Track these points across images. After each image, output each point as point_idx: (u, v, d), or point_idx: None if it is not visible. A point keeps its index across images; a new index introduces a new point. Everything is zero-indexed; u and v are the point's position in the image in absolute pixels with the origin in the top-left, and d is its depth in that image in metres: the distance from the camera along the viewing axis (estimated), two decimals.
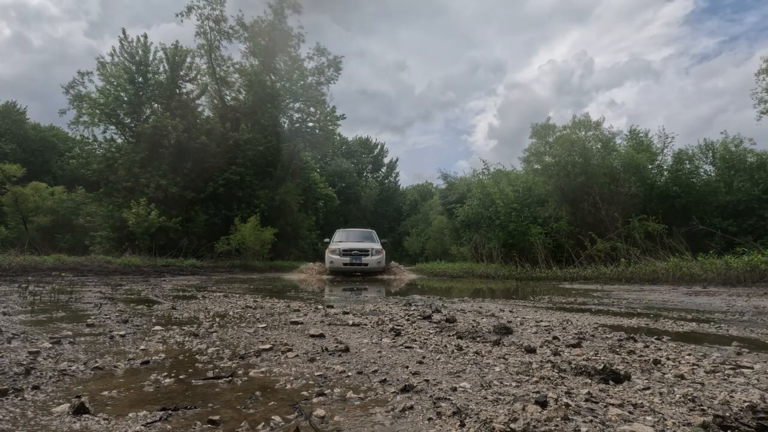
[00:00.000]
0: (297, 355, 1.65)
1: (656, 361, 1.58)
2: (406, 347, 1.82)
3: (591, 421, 0.98)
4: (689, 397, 1.16)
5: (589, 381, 1.33)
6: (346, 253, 11.22)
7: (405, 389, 1.22)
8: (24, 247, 11.04)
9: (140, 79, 18.77)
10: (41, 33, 70.06)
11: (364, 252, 11.34)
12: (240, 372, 1.41)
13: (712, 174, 14.59)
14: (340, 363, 1.54)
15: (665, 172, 14.72)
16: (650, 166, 14.30)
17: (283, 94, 21.46)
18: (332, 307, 3.23)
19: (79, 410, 1.02)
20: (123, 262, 11.52)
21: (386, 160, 42.68)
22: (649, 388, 1.25)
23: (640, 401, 1.13)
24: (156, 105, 19.47)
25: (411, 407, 1.07)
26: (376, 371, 1.43)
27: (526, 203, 13.49)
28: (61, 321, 2.39)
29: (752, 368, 1.48)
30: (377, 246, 11.83)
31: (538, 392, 1.19)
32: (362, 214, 32.38)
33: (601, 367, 1.43)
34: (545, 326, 2.43)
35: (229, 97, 21.96)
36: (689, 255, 8.46)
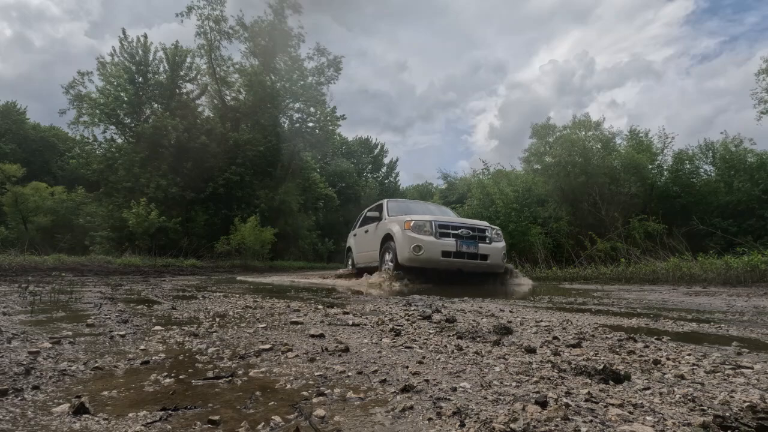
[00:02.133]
0: (297, 355, 1.65)
1: (656, 361, 1.58)
2: (406, 347, 1.82)
3: (591, 421, 0.98)
4: (689, 397, 1.16)
5: (589, 381, 1.33)
6: (445, 231, 6.25)
7: (405, 389, 1.22)
8: (24, 247, 11.04)
9: (140, 79, 18.78)
10: (42, 33, 70.19)
11: (480, 234, 6.47)
12: (240, 372, 1.41)
13: (712, 174, 14.62)
14: (340, 363, 1.54)
15: (665, 172, 14.75)
16: (650, 166, 14.32)
17: (283, 94, 21.48)
18: (332, 307, 3.23)
19: (79, 410, 1.02)
20: (123, 262, 11.52)
21: (386, 160, 42.72)
22: (649, 388, 1.25)
23: (640, 401, 1.13)
24: (156, 105, 19.49)
25: (411, 407, 1.07)
26: (376, 371, 1.42)
27: (526, 203, 13.50)
28: (61, 321, 2.39)
29: (752, 368, 1.48)
30: (495, 227, 6.92)
31: (538, 392, 1.19)
32: None
33: (601, 367, 1.43)
34: (545, 326, 2.43)
35: (229, 97, 21.98)
36: (689, 255, 8.46)
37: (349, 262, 9.50)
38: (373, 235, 7.61)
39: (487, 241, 6.48)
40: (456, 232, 6.32)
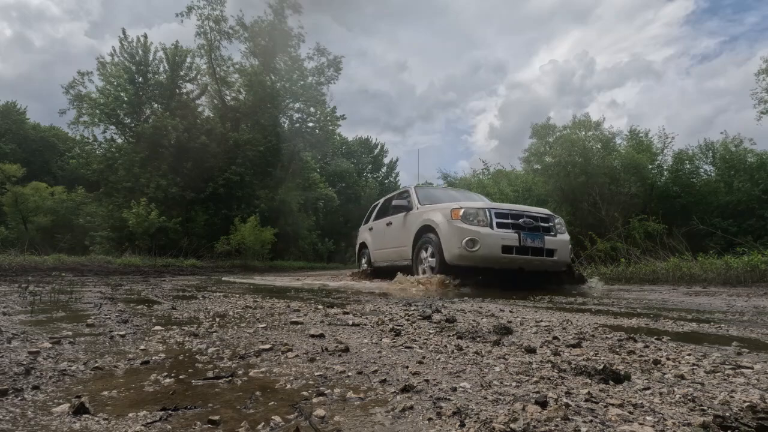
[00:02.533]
0: (297, 355, 1.65)
1: (656, 361, 1.58)
2: (406, 347, 1.82)
3: (591, 421, 0.98)
4: (689, 397, 1.16)
5: (589, 381, 1.33)
6: (503, 221, 5.19)
7: (405, 389, 1.22)
8: (24, 247, 11.05)
9: (140, 79, 18.79)
10: (42, 33, 70.25)
11: (545, 225, 5.46)
12: (240, 372, 1.41)
13: (713, 174, 14.63)
14: (340, 363, 1.54)
15: (665, 172, 14.76)
16: (650, 166, 14.33)
17: (283, 94, 21.48)
18: (332, 307, 3.23)
19: (79, 410, 1.02)
20: (123, 262, 11.53)
21: (386, 160, 42.73)
22: (649, 388, 1.25)
23: (640, 401, 1.13)
24: (156, 105, 19.49)
25: (411, 407, 1.07)
26: (376, 371, 1.42)
27: (526, 203, 13.50)
28: (61, 321, 2.39)
29: (752, 368, 1.48)
30: (557, 216, 5.86)
31: (538, 392, 1.19)
32: (362, 215, 32.38)
33: (601, 367, 1.43)
34: (545, 326, 2.43)
35: (229, 97, 21.97)
36: (689, 255, 8.46)
37: (363, 260, 8.29)
38: (401, 228, 6.37)
39: (552, 233, 5.42)
40: (516, 222, 5.21)
